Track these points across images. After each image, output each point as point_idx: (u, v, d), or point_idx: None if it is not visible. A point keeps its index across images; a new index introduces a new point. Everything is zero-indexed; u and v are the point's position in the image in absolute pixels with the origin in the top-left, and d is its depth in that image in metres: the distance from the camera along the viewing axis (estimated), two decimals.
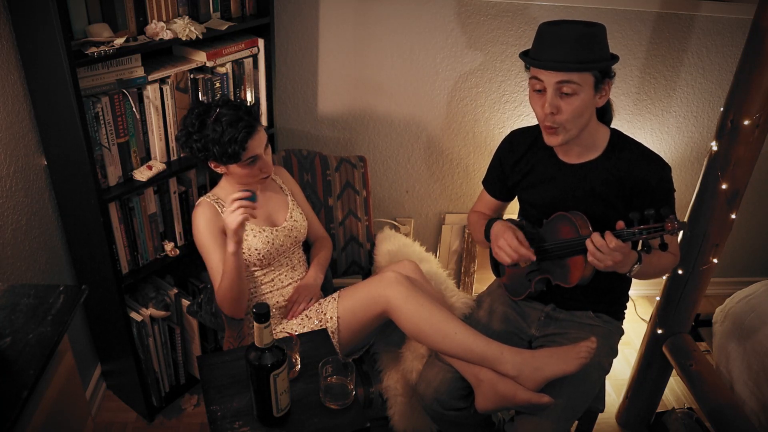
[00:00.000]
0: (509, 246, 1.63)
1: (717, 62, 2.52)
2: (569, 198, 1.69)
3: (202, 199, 1.86)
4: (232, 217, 1.60)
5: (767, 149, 1.92)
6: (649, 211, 1.41)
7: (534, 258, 1.63)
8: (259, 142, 1.76)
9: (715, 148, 1.85)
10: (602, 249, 1.45)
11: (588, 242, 1.48)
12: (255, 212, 1.64)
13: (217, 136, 1.71)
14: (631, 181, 1.61)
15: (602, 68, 1.52)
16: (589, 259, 1.50)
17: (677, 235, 1.63)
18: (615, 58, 1.54)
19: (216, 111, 1.74)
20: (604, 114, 1.69)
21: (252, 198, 1.61)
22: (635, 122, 2.62)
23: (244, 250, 1.83)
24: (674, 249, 1.70)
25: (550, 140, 1.60)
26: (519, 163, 1.79)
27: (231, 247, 1.66)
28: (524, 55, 1.58)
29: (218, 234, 1.80)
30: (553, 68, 1.49)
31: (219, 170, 1.83)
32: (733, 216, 1.90)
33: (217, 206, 1.84)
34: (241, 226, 1.62)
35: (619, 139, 1.67)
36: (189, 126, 1.76)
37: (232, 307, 1.78)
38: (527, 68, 1.60)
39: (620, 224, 1.47)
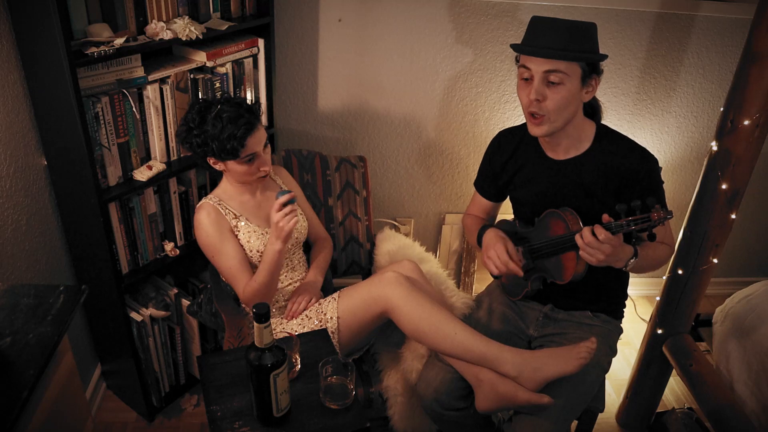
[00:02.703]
0: (498, 258, 1.65)
1: (717, 62, 2.51)
2: (558, 194, 1.69)
3: (203, 201, 1.86)
4: (285, 221, 1.65)
5: (767, 149, 1.92)
6: (635, 202, 1.42)
7: (521, 274, 1.64)
8: (258, 140, 1.76)
9: (715, 148, 1.85)
10: (591, 243, 1.46)
11: (577, 237, 1.49)
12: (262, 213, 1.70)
13: (216, 131, 1.71)
14: (618, 173, 1.61)
15: (589, 60, 1.53)
16: (580, 254, 1.50)
17: (668, 224, 1.63)
18: (604, 56, 1.55)
19: (217, 107, 1.74)
20: (594, 114, 1.70)
21: (293, 200, 1.67)
22: (635, 122, 2.61)
23: (246, 251, 1.83)
24: (668, 239, 1.69)
25: (534, 130, 1.60)
26: (508, 163, 1.80)
27: (278, 245, 1.70)
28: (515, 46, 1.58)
29: (228, 234, 1.81)
30: (542, 55, 1.50)
31: (218, 167, 1.82)
32: (733, 216, 1.90)
33: (220, 207, 1.84)
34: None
35: (605, 133, 1.67)
36: (190, 121, 1.77)
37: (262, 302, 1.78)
38: (517, 61, 1.60)
39: (606, 217, 1.47)
